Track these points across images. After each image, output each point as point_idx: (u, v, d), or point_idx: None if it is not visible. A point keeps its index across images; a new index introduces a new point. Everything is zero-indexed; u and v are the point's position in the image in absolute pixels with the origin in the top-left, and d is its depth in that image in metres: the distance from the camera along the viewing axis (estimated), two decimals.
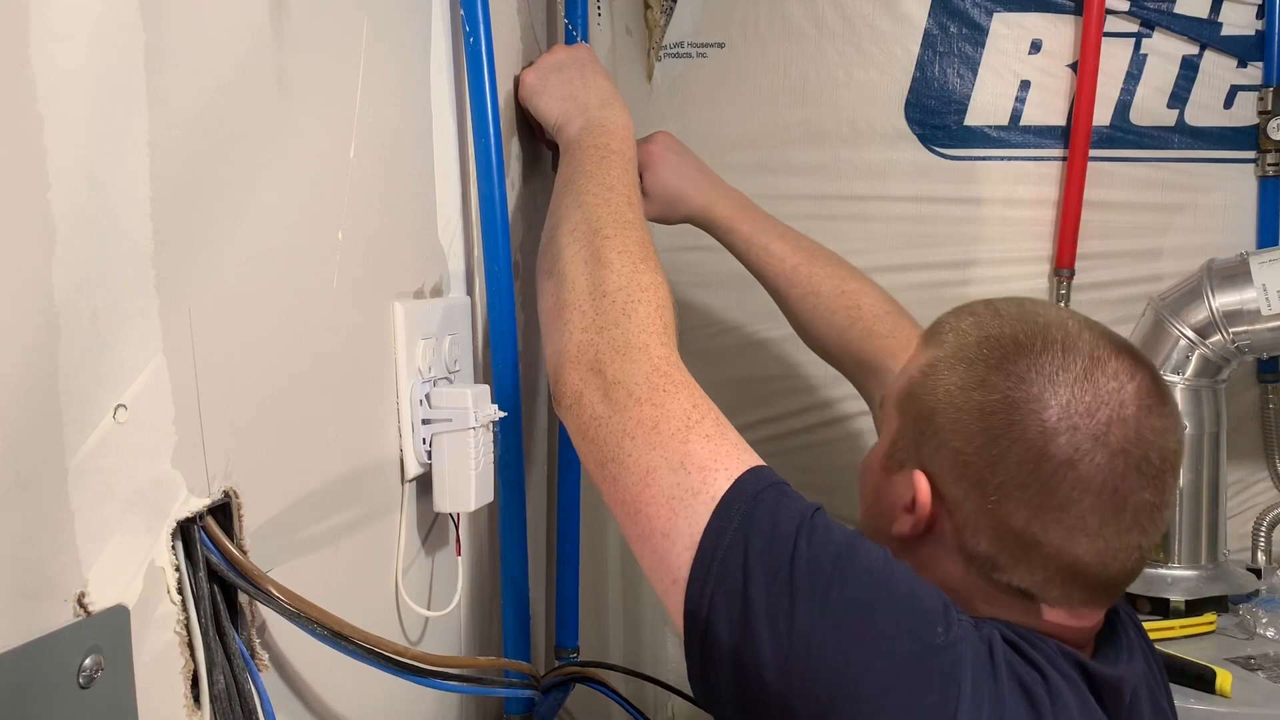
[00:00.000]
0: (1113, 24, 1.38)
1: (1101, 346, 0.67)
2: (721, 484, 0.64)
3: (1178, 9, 1.37)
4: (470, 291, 0.90)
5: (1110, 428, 0.64)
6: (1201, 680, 1.11)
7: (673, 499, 0.65)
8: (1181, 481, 1.27)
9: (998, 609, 0.68)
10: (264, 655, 0.62)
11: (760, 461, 0.68)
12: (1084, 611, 0.68)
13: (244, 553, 0.58)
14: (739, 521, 0.63)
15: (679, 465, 0.66)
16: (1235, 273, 1.26)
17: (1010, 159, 1.44)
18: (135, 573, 0.52)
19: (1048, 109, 1.42)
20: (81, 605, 0.48)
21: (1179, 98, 1.39)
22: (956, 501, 0.67)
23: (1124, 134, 1.41)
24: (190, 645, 0.55)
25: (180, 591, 0.55)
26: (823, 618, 0.60)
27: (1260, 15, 1.35)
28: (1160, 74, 1.39)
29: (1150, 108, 1.40)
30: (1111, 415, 0.64)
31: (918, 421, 0.71)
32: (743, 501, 0.64)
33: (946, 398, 0.69)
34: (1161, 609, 1.28)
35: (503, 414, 0.82)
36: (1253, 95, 1.37)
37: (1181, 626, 1.25)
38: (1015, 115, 1.43)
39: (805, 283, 1.08)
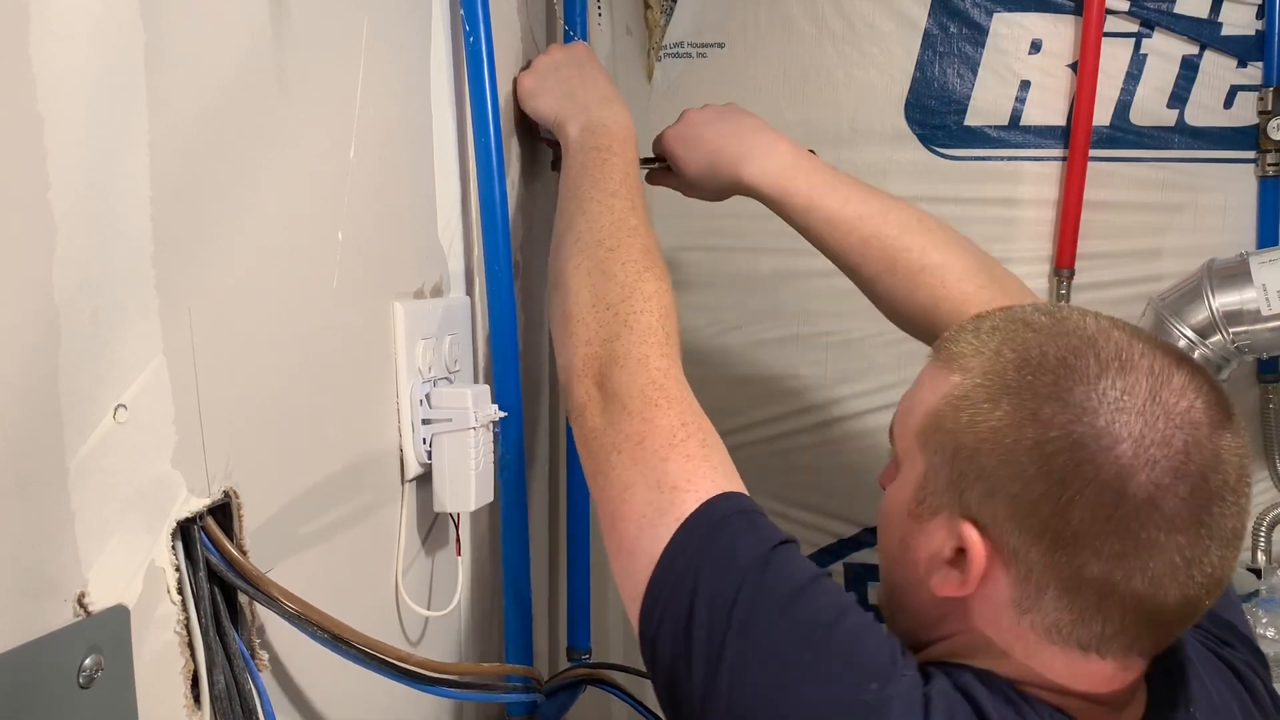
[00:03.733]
0: (1113, 24, 1.38)
1: (1159, 359, 0.60)
2: (689, 506, 0.64)
3: (1178, 9, 1.37)
4: (470, 291, 0.90)
5: (1189, 455, 0.57)
6: None
7: (643, 516, 0.65)
8: None
9: (1032, 664, 0.62)
10: (264, 655, 0.62)
11: (738, 487, 0.66)
12: (1135, 661, 0.62)
13: (244, 553, 0.58)
14: (696, 547, 0.63)
15: (655, 483, 0.66)
16: (1235, 273, 1.26)
17: (1010, 159, 1.44)
18: (135, 573, 0.52)
19: (1048, 109, 1.42)
20: (81, 605, 0.48)
21: (1179, 98, 1.39)
22: (1016, 553, 0.59)
23: (1124, 134, 1.41)
24: (190, 645, 0.55)
25: (180, 591, 0.55)
26: (752, 657, 0.58)
27: (1260, 15, 1.35)
28: (1160, 74, 1.39)
29: (1150, 108, 1.40)
30: (1188, 440, 0.57)
31: (955, 462, 0.62)
32: (705, 527, 0.63)
33: (992, 435, 0.60)
34: None
35: (503, 414, 0.82)
36: (1253, 95, 1.37)
37: None
38: (1015, 115, 1.43)
39: (878, 258, 0.94)
